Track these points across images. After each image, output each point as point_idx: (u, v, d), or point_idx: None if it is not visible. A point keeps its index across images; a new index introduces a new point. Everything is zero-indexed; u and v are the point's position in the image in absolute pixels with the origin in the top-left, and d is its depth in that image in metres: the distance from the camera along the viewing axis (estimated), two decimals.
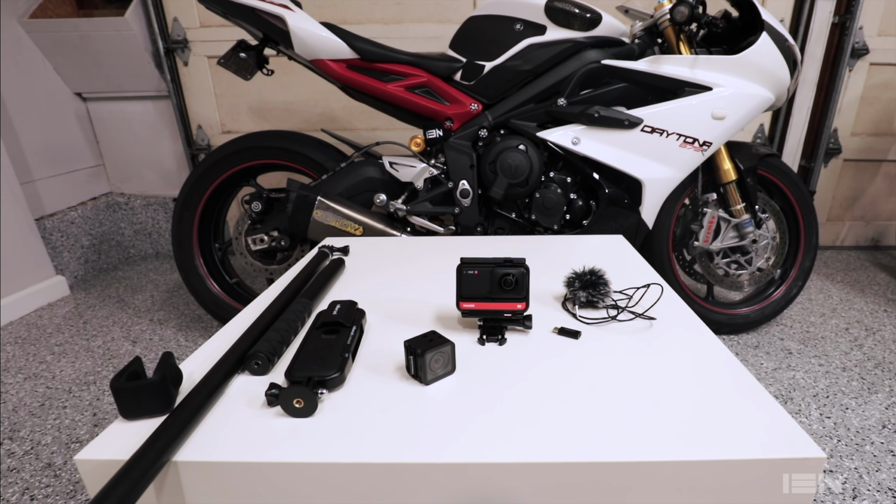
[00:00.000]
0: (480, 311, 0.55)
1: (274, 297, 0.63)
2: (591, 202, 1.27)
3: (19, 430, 1.09)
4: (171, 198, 2.14)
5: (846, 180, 2.10)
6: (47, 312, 1.67)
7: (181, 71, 1.94)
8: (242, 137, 1.35)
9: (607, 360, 0.52)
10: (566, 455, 0.39)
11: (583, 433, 0.41)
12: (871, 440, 1.02)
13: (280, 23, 1.18)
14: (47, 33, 1.81)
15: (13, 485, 0.94)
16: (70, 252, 1.91)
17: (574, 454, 0.39)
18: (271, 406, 0.45)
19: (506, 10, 1.22)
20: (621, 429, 0.41)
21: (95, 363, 1.35)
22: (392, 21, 1.86)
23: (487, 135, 1.26)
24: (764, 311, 1.45)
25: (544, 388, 0.47)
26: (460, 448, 0.39)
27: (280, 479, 0.39)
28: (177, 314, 1.64)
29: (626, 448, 0.39)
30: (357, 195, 1.28)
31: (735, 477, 0.39)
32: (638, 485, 0.39)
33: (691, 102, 1.18)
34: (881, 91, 1.96)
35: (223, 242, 1.50)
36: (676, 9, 1.15)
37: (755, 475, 0.39)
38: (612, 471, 0.38)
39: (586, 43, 1.21)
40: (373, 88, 1.24)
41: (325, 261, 0.80)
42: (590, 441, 0.40)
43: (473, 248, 0.91)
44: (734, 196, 1.31)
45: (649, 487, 0.39)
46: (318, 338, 0.52)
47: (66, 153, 1.96)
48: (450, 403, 0.45)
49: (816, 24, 1.82)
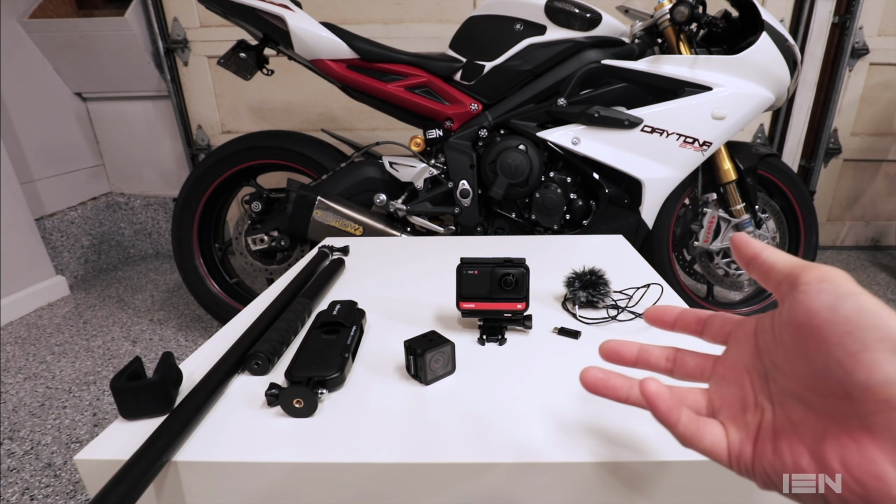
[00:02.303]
0: (480, 311, 0.55)
1: (274, 297, 0.63)
2: (591, 202, 1.27)
3: (19, 430, 1.09)
4: (171, 198, 2.14)
5: (846, 180, 2.10)
6: (47, 312, 1.67)
7: (181, 71, 1.94)
8: (242, 137, 1.35)
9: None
10: (566, 455, 0.39)
11: (583, 433, 0.41)
12: None
13: (280, 23, 1.18)
14: (47, 33, 1.81)
15: (13, 485, 0.94)
16: (70, 252, 1.91)
17: (574, 454, 0.39)
18: (271, 406, 0.45)
19: (506, 10, 1.22)
20: (621, 429, 0.41)
21: (95, 363, 1.35)
22: (392, 21, 1.86)
23: (487, 135, 1.26)
24: (764, 311, 1.45)
25: (544, 389, 0.47)
26: (460, 448, 0.39)
27: (280, 479, 0.39)
28: (177, 314, 1.64)
29: (627, 448, 0.39)
30: (357, 195, 1.28)
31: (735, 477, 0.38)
32: (638, 485, 0.39)
33: (691, 102, 1.18)
34: (881, 91, 1.96)
35: (223, 242, 1.50)
36: (676, 9, 1.15)
37: None
38: (612, 471, 0.38)
39: (586, 43, 1.21)
40: (373, 88, 1.24)
41: (325, 261, 0.80)
42: (590, 441, 0.40)
43: (473, 248, 0.91)
44: (734, 196, 1.31)
45: (649, 487, 0.39)
46: (318, 338, 0.52)
47: (66, 153, 1.97)
48: (450, 403, 0.45)
49: (816, 24, 1.82)
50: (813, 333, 0.20)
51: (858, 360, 0.18)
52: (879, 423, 0.18)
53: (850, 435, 0.19)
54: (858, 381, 0.18)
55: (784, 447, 0.21)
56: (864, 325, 0.19)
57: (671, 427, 0.24)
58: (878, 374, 0.18)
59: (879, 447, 0.18)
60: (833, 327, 0.19)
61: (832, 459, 0.20)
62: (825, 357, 0.19)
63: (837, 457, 0.19)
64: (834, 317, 0.19)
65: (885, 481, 0.18)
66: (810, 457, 0.20)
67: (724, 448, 0.24)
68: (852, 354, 0.18)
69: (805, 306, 0.21)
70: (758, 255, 0.25)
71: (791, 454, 0.21)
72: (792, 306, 0.21)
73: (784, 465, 0.21)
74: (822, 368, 0.20)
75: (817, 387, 0.20)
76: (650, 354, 0.30)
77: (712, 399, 0.26)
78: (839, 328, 0.19)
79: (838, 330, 0.19)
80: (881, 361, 0.18)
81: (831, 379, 0.19)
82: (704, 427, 0.24)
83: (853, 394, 0.19)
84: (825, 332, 0.20)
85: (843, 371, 0.19)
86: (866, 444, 0.19)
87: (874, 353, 0.18)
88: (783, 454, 0.21)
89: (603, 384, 0.28)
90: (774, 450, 0.22)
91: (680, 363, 0.29)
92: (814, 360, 0.20)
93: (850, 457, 0.19)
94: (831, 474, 0.20)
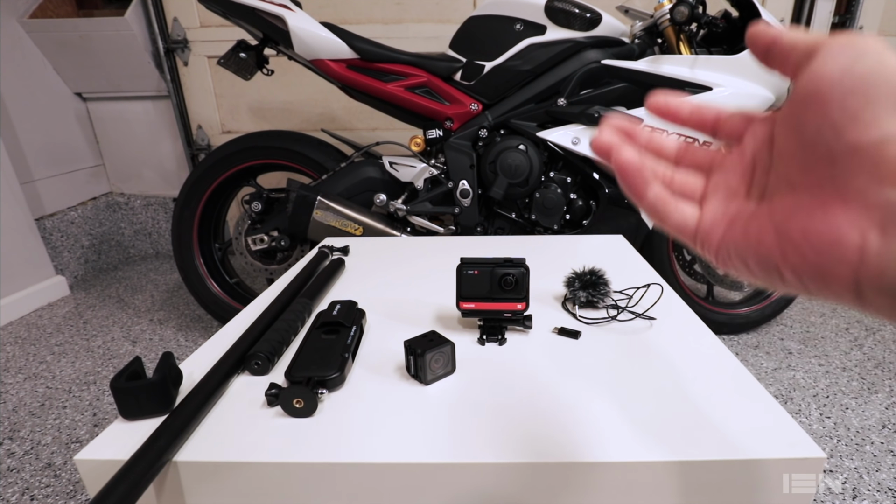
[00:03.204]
0: (480, 311, 0.55)
1: (274, 297, 0.63)
2: (591, 202, 1.27)
3: (19, 430, 1.09)
4: (171, 198, 2.14)
5: None
6: (47, 312, 1.67)
7: (181, 71, 1.94)
8: (242, 137, 1.35)
9: (607, 360, 0.52)
10: (566, 455, 0.39)
11: (583, 433, 0.41)
12: (871, 440, 1.02)
13: (280, 23, 1.18)
14: (47, 33, 1.81)
15: (13, 485, 0.94)
16: (70, 252, 1.91)
17: (574, 454, 0.39)
18: (271, 406, 0.45)
19: (506, 10, 1.22)
20: (621, 429, 0.41)
21: (95, 363, 1.35)
22: (392, 21, 1.86)
23: (487, 135, 1.26)
24: (764, 311, 1.45)
25: (544, 389, 0.47)
26: (460, 448, 0.39)
27: (280, 479, 0.39)
28: (177, 314, 1.64)
29: (627, 448, 0.39)
30: (357, 195, 1.28)
31: (735, 477, 0.39)
32: (638, 485, 0.39)
33: None
34: None
35: (223, 242, 1.50)
36: (676, 9, 1.15)
37: (755, 475, 0.39)
38: (612, 471, 0.38)
39: (586, 43, 1.21)
40: (373, 88, 1.24)
41: (325, 261, 0.80)
42: (590, 441, 0.40)
43: (473, 248, 0.91)
44: None
45: (650, 487, 0.39)
46: (318, 338, 0.52)
47: (66, 153, 1.96)
48: (450, 403, 0.45)
49: (816, 24, 1.82)
50: (815, 96, 0.17)
51: (856, 118, 0.16)
52: (855, 186, 0.16)
53: (821, 204, 0.17)
54: (848, 142, 0.16)
55: (753, 226, 0.20)
56: (876, 81, 0.16)
57: (638, 199, 0.23)
58: (873, 132, 0.15)
59: (847, 211, 0.16)
60: (839, 86, 0.16)
61: (794, 231, 0.18)
62: (820, 120, 0.17)
63: (800, 227, 0.18)
64: (844, 76, 0.16)
65: (842, 245, 0.16)
66: (774, 233, 0.19)
67: (691, 227, 0.23)
68: (850, 112, 0.16)
69: (816, 71, 0.17)
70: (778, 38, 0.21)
71: (758, 231, 0.20)
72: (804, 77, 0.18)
73: (748, 242, 0.20)
74: (812, 135, 0.17)
75: (805, 160, 0.18)
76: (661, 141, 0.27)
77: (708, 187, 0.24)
78: (845, 86, 0.16)
79: (844, 88, 0.16)
80: (881, 118, 0.15)
81: (819, 145, 0.17)
82: (676, 204, 0.23)
83: (837, 158, 0.16)
84: (829, 91, 0.17)
85: (835, 132, 0.16)
86: (834, 210, 0.17)
87: (876, 109, 0.16)
88: (749, 232, 0.20)
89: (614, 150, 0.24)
90: (743, 230, 0.21)
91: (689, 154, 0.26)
92: (807, 127, 0.18)
93: (813, 224, 0.17)
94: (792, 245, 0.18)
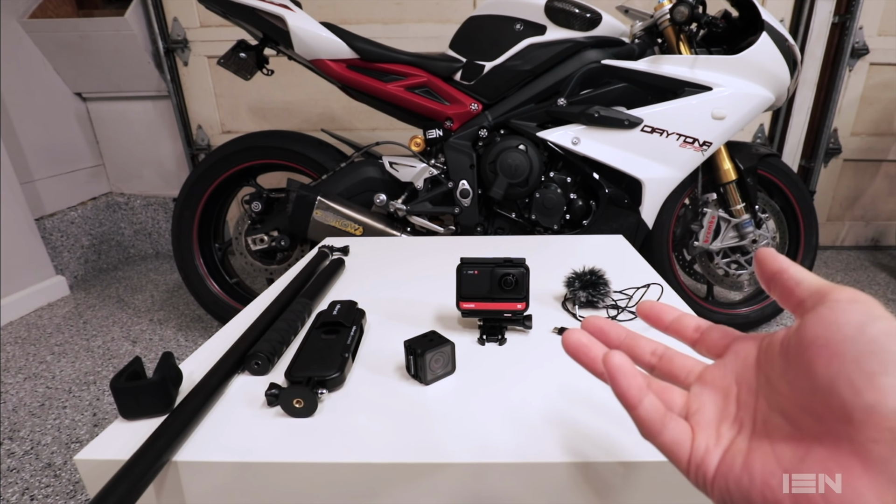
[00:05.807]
0: (480, 311, 0.55)
1: (274, 297, 0.63)
2: (591, 202, 1.27)
3: (19, 430, 1.09)
4: (171, 198, 2.14)
5: (846, 180, 2.10)
6: (47, 312, 1.67)
7: (181, 71, 1.94)
8: (242, 137, 1.35)
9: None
10: (566, 455, 0.39)
11: (583, 433, 0.41)
12: None
13: (280, 23, 1.18)
14: (47, 33, 1.81)
15: (13, 485, 0.94)
16: (70, 252, 1.91)
17: (574, 454, 0.39)
18: (271, 406, 0.45)
19: (506, 10, 1.22)
20: (622, 429, 0.41)
21: (95, 363, 1.35)
22: (392, 21, 1.86)
23: (487, 135, 1.26)
24: (764, 310, 1.45)
25: (544, 389, 0.47)
26: (460, 448, 0.39)
27: (280, 479, 0.39)
28: (177, 314, 1.64)
29: (627, 448, 0.39)
30: (357, 195, 1.28)
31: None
32: (638, 485, 0.39)
33: (691, 102, 1.18)
34: (881, 91, 1.96)
35: (223, 242, 1.50)
36: (676, 9, 1.15)
37: None
38: (612, 471, 0.38)
39: (586, 43, 1.21)
40: (373, 88, 1.24)
41: (325, 261, 0.80)
42: (590, 441, 0.40)
43: (473, 248, 0.91)
44: (734, 196, 1.31)
45: (650, 487, 0.39)
46: (318, 338, 0.52)
47: (66, 153, 1.96)
48: (450, 403, 0.45)
49: (816, 24, 1.82)
50: (828, 347, 0.18)
51: (874, 381, 0.17)
52: (876, 452, 0.17)
53: (837, 461, 0.18)
54: (866, 403, 0.17)
55: (756, 465, 0.20)
56: (891, 349, 0.17)
57: (631, 409, 0.23)
58: (892, 400, 0.16)
59: (869, 478, 0.17)
60: (854, 344, 0.18)
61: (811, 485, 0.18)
62: (834, 372, 0.18)
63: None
64: (858, 335, 0.18)
65: None
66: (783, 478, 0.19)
67: (685, 449, 0.22)
68: (868, 374, 0.17)
69: (830, 320, 0.19)
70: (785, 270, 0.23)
71: (762, 473, 0.20)
72: (814, 321, 0.20)
73: (752, 483, 0.20)
74: (825, 384, 0.18)
75: (813, 404, 0.19)
76: (637, 343, 0.28)
77: (690, 402, 0.24)
78: (861, 346, 0.18)
79: (859, 348, 0.18)
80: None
81: (834, 397, 0.18)
82: (669, 420, 0.23)
83: (855, 416, 0.17)
84: (844, 347, 0.18)
85: (853, 390, 0.17)
86: (854, 473, 0.17)
87: (893, 378, 0.17)
88: (753, 472, 0.20)
89: (584, 350, 0.26)
90: (744, 466, 0.20)
91: (666, 361, 0.27)
92: (819, 374, 0.18)
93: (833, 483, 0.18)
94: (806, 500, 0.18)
